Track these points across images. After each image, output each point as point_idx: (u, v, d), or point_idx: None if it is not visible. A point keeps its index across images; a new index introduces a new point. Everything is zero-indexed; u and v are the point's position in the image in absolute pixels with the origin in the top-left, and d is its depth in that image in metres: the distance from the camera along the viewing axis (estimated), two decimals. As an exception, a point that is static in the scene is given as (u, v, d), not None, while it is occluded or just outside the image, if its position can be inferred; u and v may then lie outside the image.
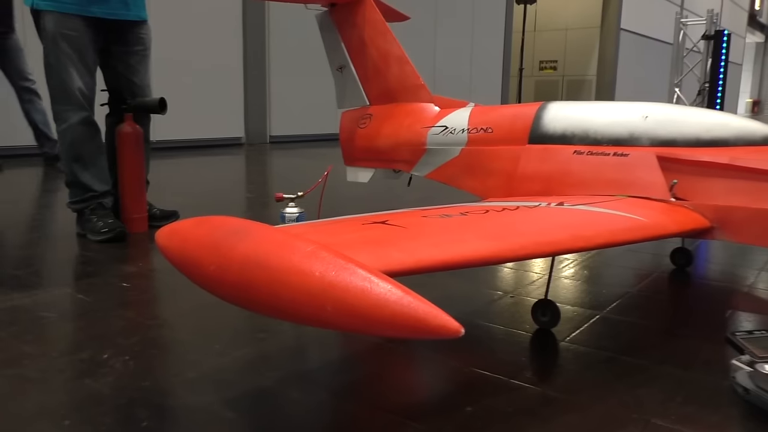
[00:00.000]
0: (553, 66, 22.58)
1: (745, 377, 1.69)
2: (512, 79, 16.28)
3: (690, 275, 3.03)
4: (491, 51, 15.65)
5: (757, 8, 33.63)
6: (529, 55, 21.39)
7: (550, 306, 2.24)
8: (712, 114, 2.40)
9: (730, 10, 29.29)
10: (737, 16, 30.67)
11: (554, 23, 21.91)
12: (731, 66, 30.23)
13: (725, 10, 28.46)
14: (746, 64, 35.20)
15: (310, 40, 3.61)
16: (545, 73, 22.77)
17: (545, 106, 2.75)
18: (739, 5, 30.72)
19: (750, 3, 32.27)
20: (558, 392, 1.78)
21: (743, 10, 31.53)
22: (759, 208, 2.08)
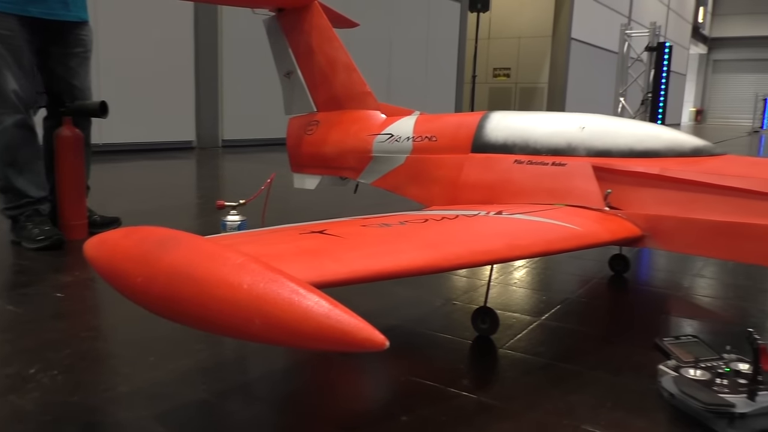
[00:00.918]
0: (506, 73, 22.97)
1: (670, 382, 1.75)
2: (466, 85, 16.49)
3: (627, 281, 3.12)
4: (445, 58, 15.82)
5: (700, 21, 34.96)
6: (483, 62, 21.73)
7: (489, 313, 2.27)
8: (645, 126, 2.48)
9: (675, 23, 30.37)
10: (681, 28, 31.81)
11: (508, 31, 22.30)
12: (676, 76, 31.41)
13: (670, 22, 29.51)
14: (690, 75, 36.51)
15: (265, 43, 3.57)
16: (499, 80, 23.14)
17: (488, 116, 2.80)
18: (684, 18, 31.87)
19: (694, 16, 33.53)
20: (494, 400, 1.81)
21: (687, 22, 32.73)
22: (687, 217, 2.16)
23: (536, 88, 22.11)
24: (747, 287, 3.05)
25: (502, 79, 23.06)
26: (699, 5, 34.16)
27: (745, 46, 37.05)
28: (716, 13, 38.28)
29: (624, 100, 9.22)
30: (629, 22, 23.26)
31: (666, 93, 8.65)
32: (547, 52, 21.65)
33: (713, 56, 38.51)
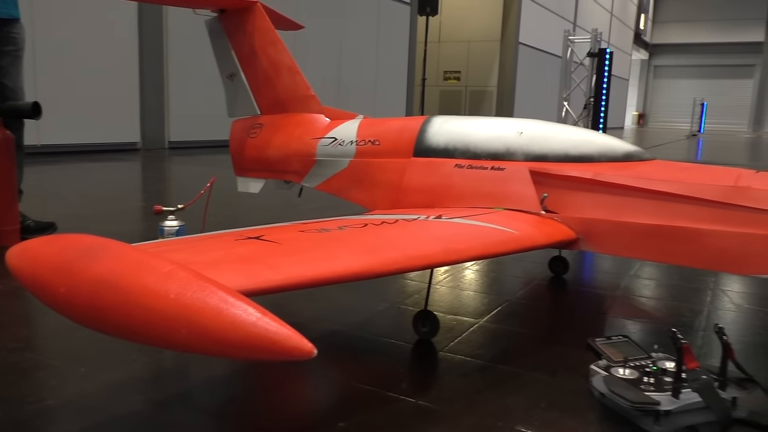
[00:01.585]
0: (456, 76, 23.23)
1: (600, 382, 1.80)
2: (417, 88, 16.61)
3: (567, 282, 3.19)
4: (396, 61, 15.90)
5: (642, 28, 36.21)
6: (433, 66, 21.94)
7: (429, 316, 2.29)
8: (579, 131, 2.55)
9: (618, 29, 31.37)
10: (624, 34, 32.87)
11: (457, 35, 22.56)
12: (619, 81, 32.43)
13: (614, 28, 30.45)
14: (632, 80, 37.78)
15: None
16: (449, 83, 23.38)
17: (430, 120, 2.82)
18: (626, 24, 32.95)
19: (635, 22, 34.70)
20: (432, 403, 1.82)
21: (629, 28, 33.85)
22: (618, 220, 2.23)
23: (486, 92, 22.44)
24: (680, 287, 3.17)
25: (453, 82, 23.31)
26: (640, 12, 35.38)
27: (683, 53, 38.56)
28: (657, 20, 39.74)
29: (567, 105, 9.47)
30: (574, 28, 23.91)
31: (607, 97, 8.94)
32: (495, 56, 22.02)
33: (654, 62, 39.96)
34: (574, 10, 25.21)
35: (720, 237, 2.04)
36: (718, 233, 2.05)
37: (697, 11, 37.78)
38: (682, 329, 2.51)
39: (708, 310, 2.77)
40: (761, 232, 1.98)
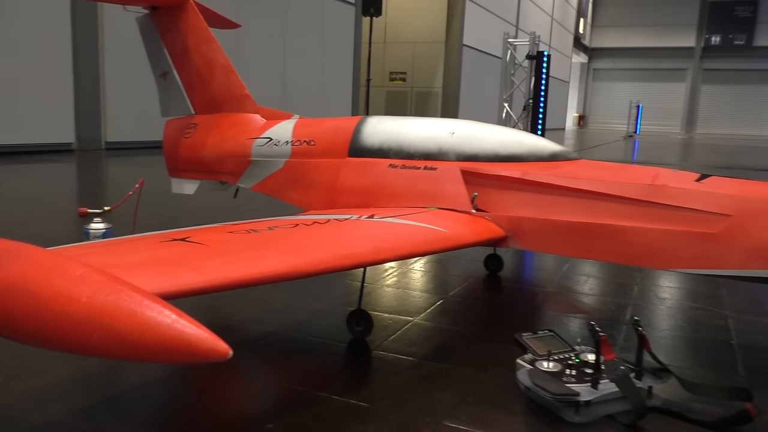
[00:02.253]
0: (402, 77, 23.34)
1: (525, 375, 1.85)
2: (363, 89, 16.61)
3: (501, 279, 3.26)
4: (341, 61, 15.87)
5: (581, 32, 37.33)
6: (379, 66, 21.99)
7: (363, 316, 2.30)
8: (509, 132, 2.61)
9: (559, 32, 32.23)
10: (564, 37, 33.80)
11: (403, 36, 22.68)
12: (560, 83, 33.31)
13: (554, 32, 31.27)
14: (573, 82, 38.88)
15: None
16: (395, 84, 23.48)
17: (364, 121, 2.84)
18: (566, 28, 33.88)
19: (575, 27, 35.74)
20: (362, 401, 1.83)
21: (569, 32, 34.82)
22: (545, 218, 2.30)
23: (431, 93, 22.64)
24: (609, 282, 3.29)
25: (399, 83, 23.42)
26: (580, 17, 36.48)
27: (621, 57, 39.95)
28: (595, 25, 41.03)
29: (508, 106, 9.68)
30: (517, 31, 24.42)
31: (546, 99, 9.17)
32: (440, 57, 22.24)
33: (593, 65, 41.26)
34: (516, 14, 25.75)
35: (639, 233, 2.13)
36: (637, 230, 2.14)
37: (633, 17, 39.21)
38: (609, 323, 2.60)
39: (633, 305, 2.88)
40: (676, 228, 2.07)
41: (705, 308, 2.84)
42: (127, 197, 2.89)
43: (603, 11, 40.89)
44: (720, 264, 2.01)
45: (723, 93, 37.16)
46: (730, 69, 36.56)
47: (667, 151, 17.69)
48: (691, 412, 1.77)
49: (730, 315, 2.73)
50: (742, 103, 36.48)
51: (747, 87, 36.25)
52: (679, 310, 2.84)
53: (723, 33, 36.71)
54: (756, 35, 35.77)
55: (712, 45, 37.00)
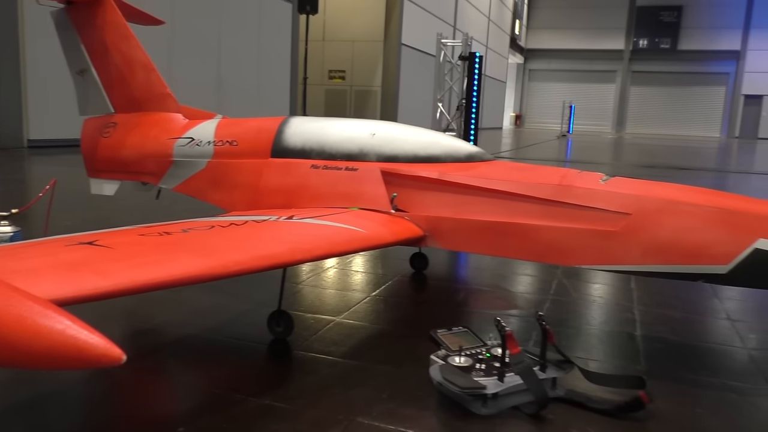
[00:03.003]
0: (341, 76, 23.30)
1: (436, 371, 1.90)
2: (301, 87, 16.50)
3: (426, 277, 3.33)
4: (279, 60, 15.70)
5: (517, 33, 38.23)
6: (318, 65, 21.88)
7: (283, 316, 2.31)
8: (428, 133, 2.67)
9: (495, 33, 32.89)
10: (501, 39, 34.53)
11: (342, 34, 22.64)
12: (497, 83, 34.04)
13: (491, 32, 31.89)
14: (510, 82, 39.80)
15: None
16: (334, 82, 23.42)
17: (287, 121, 2.84)
18: (502, 29, 34.62)
19: (511, 28, 36.56)
20: (277, 401, 1.84)
21: (506, 33, 35.60)
22: (461, 218, 2.37)
23: (370, 91, 22.70)
24: (528, 279, 3.40)
25: (338, 81, 23.38)
26: (515, 18, 37.34)
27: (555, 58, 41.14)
28: (530, 27, 42.10)
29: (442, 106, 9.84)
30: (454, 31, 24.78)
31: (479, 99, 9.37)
32: (379, 56, 22.32)
33: (529, 66, 42.32)
34: (453, 14, 26.12)
35: (548, 232, 2.22)
36: (546, 228, 2.23)
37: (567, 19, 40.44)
38: (526, 318, 2.70)
39: (552, 300, 3.00)
40: (581, 227, 2.18)
41: (615, 302, 2.98)
42: (36, 199, 2.79)
43: (538, 13, 42.00)
44: (620, 260, 2.13)
45: (650, 94, 38.84)
46: (657, 71, 38.24)
47: (596, 151, 18.36)
48: (591, 400, 1.87)
49: (637, 308, 2.88)
50: (668, 104, 38.24)
51: (672, 89, 38.02)
52: (592, 304, 2.98)
53: (650, 37, 38.35)
54: (680, 39, 37.53)
55: (640, 48, 38.60)
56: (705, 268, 2.02)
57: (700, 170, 11.72)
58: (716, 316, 2.83)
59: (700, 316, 2.82)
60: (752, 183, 10.01)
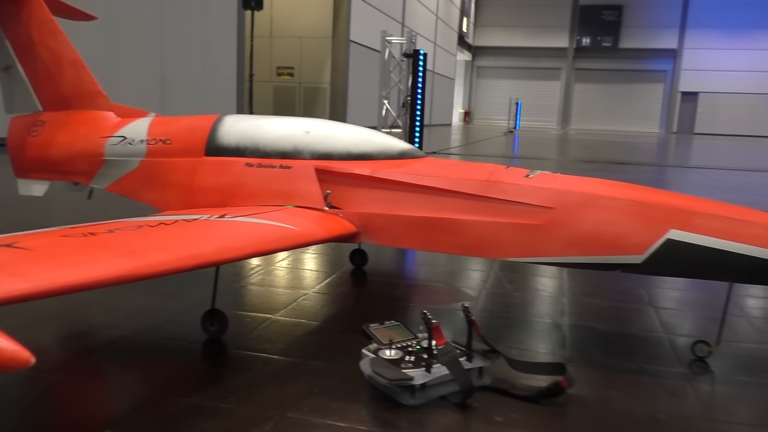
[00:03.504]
0: (290, 72, 23.12)
1: (366, 364, 1.94)
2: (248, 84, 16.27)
3: (366, 273, 3.37)
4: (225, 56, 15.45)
5: (465, 30, 38.67)
6: (266, 61, 21.63)
7: (217, 315, 2.31)
8: (361, 130, 2.70)
9: (443, 31, 33.19)
10: (449, 36, 34.87)
11: (289, 30, 22.45)
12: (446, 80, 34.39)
13: (439, 30, 32.18)
14: (458, 79, 40.23)
15: None
16: (283, 79, 23.21)
17: (221, 119, 2.82)
18: (450, 26, 34.97)
19: (459, 25, 36.96)
20: (208, 400, 1.85)
21: (454, 31, 35.97)
22: (393, 214, 2.41)
23: (319, 88, 22.60)
24: (464, 272, 3.48)
25: (286, 78, 23.17)
26: (463, 16, 37.76)
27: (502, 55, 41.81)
28: (478, 24, 42.66)
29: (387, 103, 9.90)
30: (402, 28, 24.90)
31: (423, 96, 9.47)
32: (328, 53, 22.24)
33: (477, 63, 42.88)
34: (402, 11, 26.24)
35: (476, 226, 2.29)
36: (474, 223, 2.29)
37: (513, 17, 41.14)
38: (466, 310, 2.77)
39: (487, 292, 3.08)
40: (508, 221, 2.25)
41: (547, 293, 3.09)
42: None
43: (485, 11, 42.59)
44: (544, 252, 2.21)
45: (593, 91, 39.90)
46: (599, 69, 39.31)
47: (541, 147, 18.78)
48: (515, 388, 1.94)
49: (567, 298, 2.99)
50: (610, 100, 39.37)
51: (614, 86, 39.17)
52: (525, 296, 3.07)
53: (592, 35, 39.39)
54: (621, 38, 38.67)
55: (583, 46, 39.58)
56: (622, 258, 2.12)
57: (640, 165, 12.15)
58: (640, 303, 2.96)
59: (625, 304, 2.95)
60: (689, 177, 10.45)
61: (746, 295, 3.10)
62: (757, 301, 3.08)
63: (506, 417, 1.81)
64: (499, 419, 1.80)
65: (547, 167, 2.54)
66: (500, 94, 40.64)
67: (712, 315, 2.66)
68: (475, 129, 31.03)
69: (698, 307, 3.00)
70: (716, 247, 2.04)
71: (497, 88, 42.34)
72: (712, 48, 36.40)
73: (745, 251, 2.03)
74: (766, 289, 3.12)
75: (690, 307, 3.04)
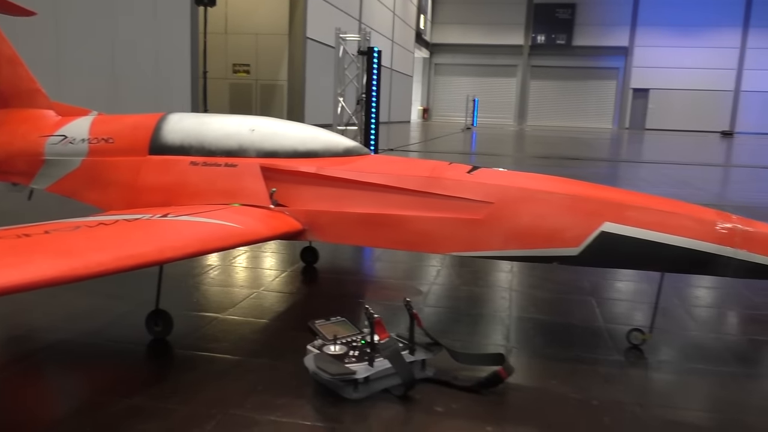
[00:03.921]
0: (246, 69, 22.87)
1: (310, 360, 1.95)
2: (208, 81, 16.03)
3: (317, 270, 3.37)
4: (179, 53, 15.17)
5: (422, 27, 38.89)
6: (221, 58, 21.36)
7: (161, 315, 2.29)
8: (307, 128, 2.71)
9: (401, 28, 33.30)
10: (407, 33, 35.00)
11: (245, 27, 22.21)
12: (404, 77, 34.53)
13: (397, 27, 32.27)
14: (417, 76, 40.44)
15: None
16: (239, 76, 22.95)
17: (166, 117, 2.79)
18: (408, 24, 35.11)
19: (416, 22, 37.14)
20: (150, 401, 1.83)
21: (411, 28, 36.13)
22: (338, 211, 2.43)
23: (276, 86, 22.43)
24: (414, 268, 3.52)
25: (242, 75, 22.92)
26: (420, 13, 37.94)
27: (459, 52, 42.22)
28: (435, 21, 42.95)
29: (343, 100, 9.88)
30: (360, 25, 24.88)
31: (378, 94, 9.49)
32: (284, 49, 22.08)
33: (435, 60, 43.19)
34: (359, 8, 26.21)
35: (419, 222, 2.32)
36: (417, 218, 2.33)
37: (469, 15, 41.56)
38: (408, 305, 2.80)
39: (433, 286, 3.13)
40: (449, 216, 2.29)
41: (494, 286, 3.15)
42: None
43: (442, 9, 42.90)
44: (485, 246, 2.26)
45: (548, 88, 40.65)
46: (554, 66, 40.06)
47: (497, 143, 19.03)
48: (457, 379, 1.99)
49: (513, 291, 3.06)
50: (565, 97, 40.17)
51: (568, 82, 39.98)
52: (472, 289, 3.13)
53: (547, 33, 40.11)
54: (574, 36, 39.49)
55: (538, 44, 40.27)
56: (559, 251, 2.19)
57: (592, 160, 12.44)
58: (583, 294, 3.05)
59: (568, 295, 3.03)
60: (638, 172, 10.75)
61: (683, 284, 3.23)
62: (692, 290, 3.21)
63: (447, 407, 1.85)
64: (439, 410, 1.84)
65: (504, 164, 2.60)
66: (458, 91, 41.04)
67: (650, 304, 2.76)
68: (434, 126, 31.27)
69: (637, 296, 3.11)
70: (648, 239, 2.12)
71: (455, 85, 42.72)
72: (661, 46, 37.51)
73: (675, 242, 2.12)
74: (698, 278, 3.26)
75: (630, 297, 3.15)
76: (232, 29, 22.36)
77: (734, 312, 2.96)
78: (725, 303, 3.07)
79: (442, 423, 1.78)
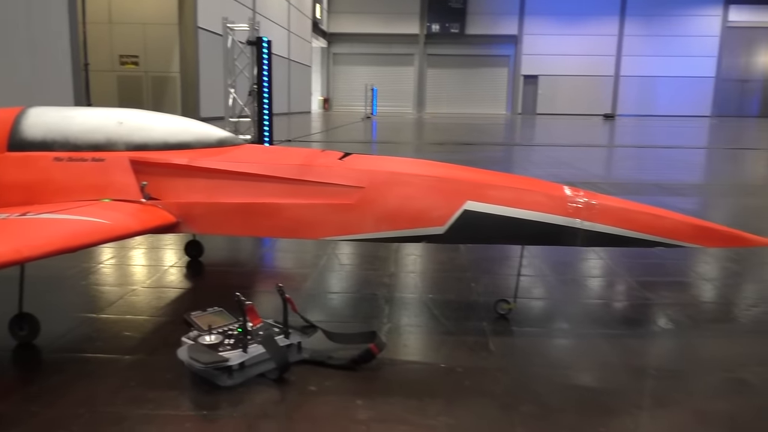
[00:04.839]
0: (134, 61, 21.85)
1: (183, 351, 1.95)
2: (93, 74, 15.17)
3: (203, 264, 3.33)
4: (56, 44, 14.24)
5: (319, 17, 38.64)
6: (106, 50, 20.30)
7: (26, 319, 2.20)
8: (178, 120, 2.67)
9: (297, 18, 32.91)
10: (303, 23, 34.64)
11: (131, 16, 21.19)
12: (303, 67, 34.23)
13: (293, 17, 31.87)
14: (316, 66, 40.18)
15: None
16: (127, 68, 21.90)
17: (25, 112, 2.65)
18: (304, 13, 34.75)
19: (312, 12, 36.84)
20: (12, 407, 1.78)
21: (307, 17, 35.79)
22: (212, 202, 2.42)
23: (168, 78, 21.58)
24: (301, 255, 3.56)
25: (131, 67, 21.89)
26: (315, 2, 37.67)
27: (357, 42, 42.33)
28: (332, 11, 42.78)
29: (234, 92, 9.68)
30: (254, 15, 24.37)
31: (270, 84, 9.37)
32: (175, 40, 21.27)
33: (333, 50, 43.05)
34: (252, -3, 25.65)
35: (293, 209, 2.37)
36: (291, 206, 2.37)
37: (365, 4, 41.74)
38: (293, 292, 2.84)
39: (320, 272, 3.18)
40: (322, 202, 2.35)
41: (376, 268, 3.25)
42: None
43: (337, -2, 42.83)
44: (358, 229, 2.34)
45: (444, 76, 41.63)
46: (449, 54, 41.06)
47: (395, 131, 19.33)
48: (332, 358, 2.05)
49: (393, 272, 3.17)
50: (460, 84, 41.32)
51: (463, 70, 41.13)
52: (355, 273, 3.21)
53: (441, 22, 40.99)
54: (467, 25, 40.60)
55: (433, 33, 41.09)
56: (426, 230, 2.30)
57: (486, 145, 12.93)
58: (461, 271, 3.21)
59: (447, 273, 3.19)
60: (526, 155, 11.29)
61: (542, 255, 3.47)
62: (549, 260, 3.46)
63: (320, 386, 1.92)
64: (313, 389, 1.90)
65: (403, 152, 2.68)
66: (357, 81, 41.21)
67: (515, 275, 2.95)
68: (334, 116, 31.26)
69: (509, 269, 3.31)
70: (506, 215, 2.28)
71: (354, 75, 42.87)
72: (548, 34, 39.38)
73: (531, 217, 2.29)
74: (553, 249, 3.51)
75: (503, 270, 3.35)
76: (117, 18, 21.28)
77: (598, 280, 3.22)
78: (591, 273, 3.34)
79: (315, 400, 1.84)
